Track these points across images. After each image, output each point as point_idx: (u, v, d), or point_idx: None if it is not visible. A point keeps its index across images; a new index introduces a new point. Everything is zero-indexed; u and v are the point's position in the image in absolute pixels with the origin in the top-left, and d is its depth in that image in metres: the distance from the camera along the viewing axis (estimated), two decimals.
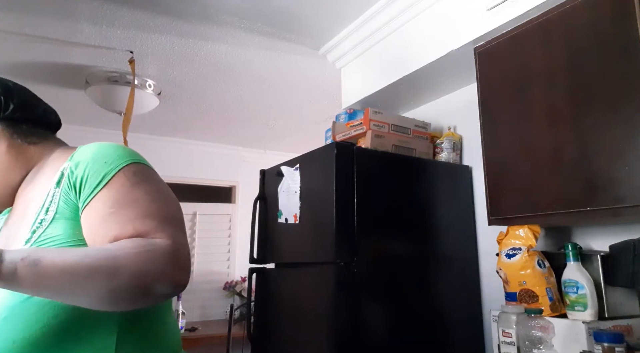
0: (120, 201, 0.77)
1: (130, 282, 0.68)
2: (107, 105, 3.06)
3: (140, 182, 0.81)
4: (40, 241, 0.78)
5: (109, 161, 0.81)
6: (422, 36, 2.07)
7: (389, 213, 1.86)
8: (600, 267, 1.42)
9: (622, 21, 1.27)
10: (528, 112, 1.52)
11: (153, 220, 0.76)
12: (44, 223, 0.80)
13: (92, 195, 0.78)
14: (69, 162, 0.84)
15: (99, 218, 0.77)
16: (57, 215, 0.80)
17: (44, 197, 0.83)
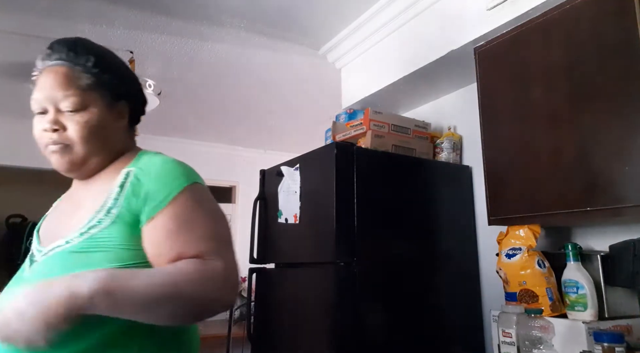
0: (183, 219, 0.83)
1: (191, 306, 0.78)
2: None
3: (201, 202, 0.88)
4: (95, 239, 0.82)
5: (175, 179, 0.87)
6: (422, 36, 2.07)
7: (389, 214, 1.86)
8: (600, 267, 1.42)
9: (622, 21, 1.27)
10: (528, 112, 1.52)
11: (211, 242, 0.83)
12: (103, 223, 0.84)
13: (157, 209, 0.83)
14: (133, 168, 0.90)
15: (163, 234, 0.82)
16: (117, 218, 0.84)
17: (105, 196, 0.87)
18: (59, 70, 0.94)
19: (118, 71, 1.03)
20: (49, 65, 0.95)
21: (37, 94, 0.93)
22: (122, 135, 1.01)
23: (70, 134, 0.91)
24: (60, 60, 0.95)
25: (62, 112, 0.91)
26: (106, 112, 0.95)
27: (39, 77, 0.95)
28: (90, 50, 0.98)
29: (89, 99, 0.93)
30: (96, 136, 0.93)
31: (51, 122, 0.90)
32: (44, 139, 0.92)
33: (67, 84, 0.92)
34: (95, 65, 0.96)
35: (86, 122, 0.91)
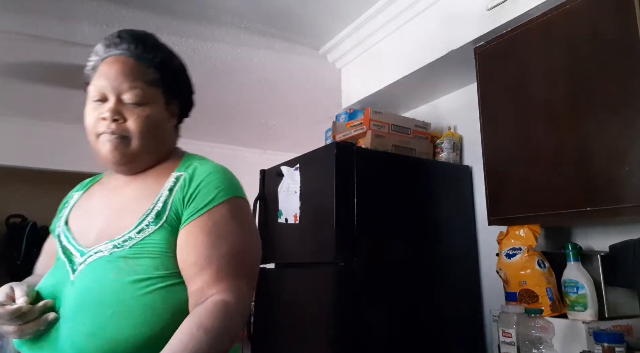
0: (215, 234, 0.84)
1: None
2: None
3: (236, 218, 0.88)
4: (143, 244, 0.83)
5: (218, 189, 0.88)
6: (422, 36, 2.07)
7: (389, 214, 1.86)
8: (600, 267, 1.42)
9: (622, 21, 1.27)
10: (528, 112, 1.52)
11: (234, 271, 0.84)
12: (151, 228, 0.84)
13: (194, 216, 0.85)
14: (184, 173, 0.91)
15: (192, 242, 0.84)
16: (165, 224, 0.85)
17: (155, 198, 0.88)
18: (126, 61, 0.92)
19: (179, 71, 1.03)
20: (114, 54, 0.93)
21: (100, 82, 0.91)
22: (171, 135, 1.02)
23: (130, 126, 0.89)
24: (127, 51, 0.94)
25: (123, 103, 0.90)
26: (164, 110, 0.96)
27: (103, 65, 0.93)
28: (157, 47, 0.99)
29: (151, 94, 0.93)
30: (153, 132, 0.92)
31: (112, 111, 0.89)
32: (100, 127, 0.90)
33: (133, 76, 0.91)
34: (161, 62, 0.96)
35: (147, 117, 0.91)
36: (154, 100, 0.93)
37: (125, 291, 0.78)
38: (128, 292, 0.78)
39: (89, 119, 0.92)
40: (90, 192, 1.02)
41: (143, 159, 0.93)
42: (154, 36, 1.00)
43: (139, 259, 0.81)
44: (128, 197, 0.92)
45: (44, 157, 3.91)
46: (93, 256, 0.84)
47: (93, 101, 0.91)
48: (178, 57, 1.04)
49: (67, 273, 0.85)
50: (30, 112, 3.73)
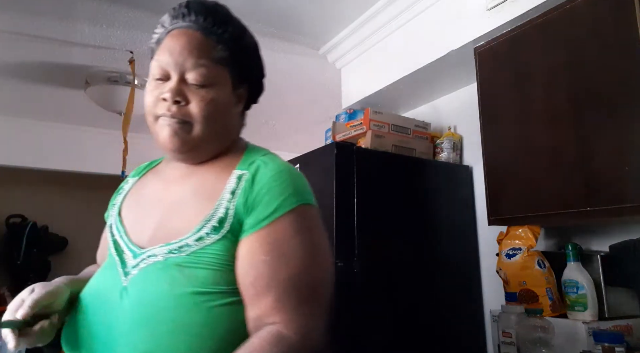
0: (276, 251, 0.73)
1: None
2: (107, 105, 3.06)
3: (303, 231, 0.75)
4: (202, 252, 0.72)
5: (284, 195, 0.75)
6: (422, 36, 2.07)
7: (389, 214, 1.86)
8: (600, 267, 1.42)
9: (622, 21, 1.27)
10: (528, 112, 1.52)
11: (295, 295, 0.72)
12: (212, 237, 0.73)
13: (255, 228, 0.74)
14: (246, 171, 0.79)
15: (250, 259, 0.73)
16: (228, 233, 0.74)
17: (216, 202, 0.76)
18: (193, 34, 0.81)
19: (252, 51, 0.91)
20: (179, 27, 0.82)
21: (163, 57, 0.80)
22: (237, 123, 0.91)
23: (193, 110, 0.78)
24: (195, 23, 0.82)
25: (187, 83, 0.79)
26: (230, 93, 0.85)
27: (167, 38, 0.82)
28: (228, 20, 0.85)
29: (218, 74, 0.81)
30: (218, 118, 0.81)
31: (174, 92, 0.78)
32: (160, 109, 0.79)
33: (200, 52, 0.80)
34: (232, 38, 0.84)
35: (212, 100, 0.79)
36: (220, 81, 0.82)
37: (182, 305, 0.68)
38: (185, 307, 0.68)
39: (148, 98, 0.81)
40: (144, 180, 0.91)
41: (205, 148, 0.82)
42: (226, 8, 0.87)
43: (196, 269, 0.71)
44: (185, 193, 0.81)
45: (44, 157, 3.91)
46: (147, 260, 0.74)
47: (154, 79, 0.81)
48: (251, 34, 0.90)
49: (118, 276, 0.75)
50: (30, 112, 3.73)
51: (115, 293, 0.73)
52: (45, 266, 4.90)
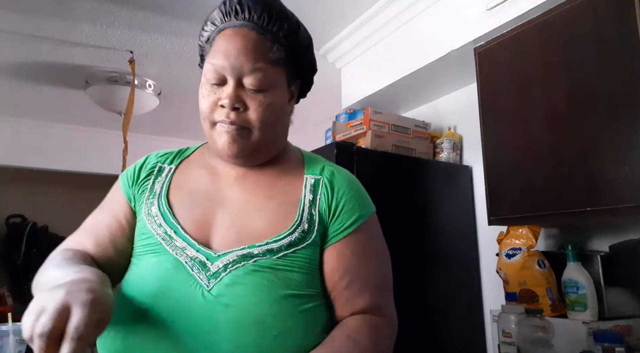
0: (363, 254, 0.80)
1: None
2: (107, 105, 3.06)
3: (378, 237, 0.86)
4: (293, 256, 0.74)
5: (363, 203, 0.84)
6: (422, 36, 2.07)
7: (389, 214, 1.86)
8: (600, 267, 1.42)
9: (622, 21, 1.27)
10: (528, 112, 1.52)
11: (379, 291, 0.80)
12: (299, 244, 0.75)
13: (342, 235, 0.78)
14: (321, 177, 0.83)
15: (343, 264, 0.77)
16: (316, 239, 0.77)
17: (298, 207, 0.78)
18: (248, 35, 0.77)
19: (307, 47, 0.87)
20: (233, 25, 0.78)
21: (220, 61, 0.76)
22: (289, 121, 0.90)
23: (252, 116, 0.77)
24: (249, 21, 0.78)
25: (244, 87, 0.77)
26: (286, 93, 0.83)
27: (221, 38, 0.78)
28: (284, 16, 0.81)
29: (275, 75, 0.79)
30: (276, 121, 0.81)
31: (232, 98, 0.75)
32: (217, 115, 0.77)
33: (256, 55, 0.76)
34: (288, 36, 0.80)
35: (270, 105, 0.78)
36: (277, 83, 0.79)
37: (283, 309, 0.69)
38: (286, 310, 0.69)
39: (204, 103, 0.79)
40: (185, 172, 0.85)
41: (264, 151, 0.82)
42: (280, 2, 0.82)
43: (289, 272, 0.72)
44: (256, 196, 0.80)
45: (44, 157, 3.91)
46: (233, 263, 0.72)
47: (210, 84, 0.78)
48: (305, 28, 0.87)
49: (194, 278, 0.71)
50: (30, 112, 3.73)
51: (197, 298, 0.69)
52: None
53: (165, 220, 0.77)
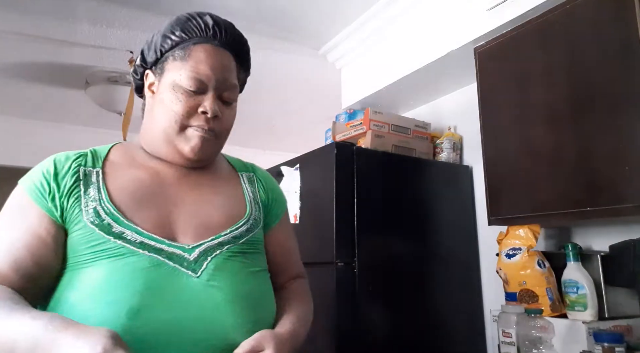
0: (290, 234, 1.03)
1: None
2: (107, 105, 3.06)
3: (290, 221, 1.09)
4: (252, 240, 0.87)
5: (282, 194, 1.05)
6: (422, 36, 2.07)
7: (389, 214, 1.86)
8: (600, 267, 1.42)
9: (622, 21, 1.27)
10: (528, 112, 1.52)
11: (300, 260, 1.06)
12: (254, 229, 0.89)
13: (277, 220, 0.98)
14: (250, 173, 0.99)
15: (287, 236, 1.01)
16: (260, 223, 0.92)
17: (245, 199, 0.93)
18: (228, 56, 0.88)
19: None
20: (214, 44, 0.86)
21: (205, 72, 0.83)
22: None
23: (223, 125, 0.87)
24: (228, 46, 0.88)
25: (220, 100, 0.86)
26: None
27: (203, 52, 0.84)
28: (245, 42, 0.94)
29: (237, 92, 0.92)
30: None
31: (215, 108, 0.84)
32: (195, 120, 0.84)
33: (233, 73, 0.88)
34: (247, 60, 0.96)
35: (233, 117, 0.91)
36: (237, 98, 0.92)
37: (258, 281, 0.85)
38: (260, 281, 0.85)
39: (179, 107, 0.82)
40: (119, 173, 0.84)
41: (216, 155, 0.94)
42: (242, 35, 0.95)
43: (252, 254, 0.86)
44: (204, 192, 0.87)
45: (44, 157, 3.88)
46: (208, 253, 0.80)
47: (189, 90, 0.83)
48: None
49: (177, 271, 0.75)
50: (30, 112, 3.73)
51: (189, 286, 0.75)
52: None
53: (119, 224, 0.76)
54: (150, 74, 0.89)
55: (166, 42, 0.86)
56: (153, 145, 0.88)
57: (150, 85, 0.89)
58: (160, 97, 0.85)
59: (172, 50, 0.86)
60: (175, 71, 0.84)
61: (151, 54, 0.88)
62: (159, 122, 0.85)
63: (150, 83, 0.89)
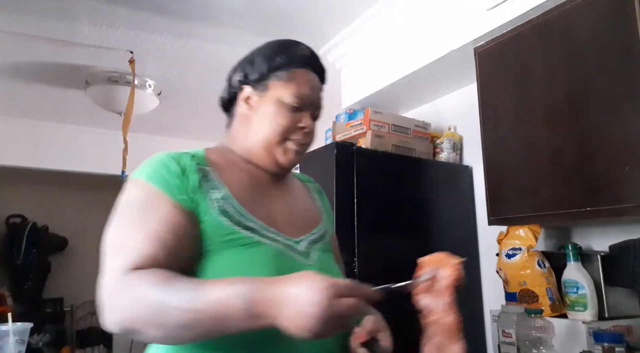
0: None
1: None
2: (107, 105, 3.06)
3: None
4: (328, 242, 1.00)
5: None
6: (422, 36, 2.07)
7: (389, 214, 1.86)
8: (600, 267, 1.42)
9: (622, 21, 1.27)
10: (528, 112, 1.52)
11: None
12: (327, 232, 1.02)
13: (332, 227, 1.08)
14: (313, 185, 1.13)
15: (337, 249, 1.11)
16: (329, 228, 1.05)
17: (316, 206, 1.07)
18: (319, 81, 1.01)
19: None
20: (310, 70, 0.99)
21: (307, 93, 0.95)
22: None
23: (312, 140, 0.99)
24: (318, 73, 1.01)
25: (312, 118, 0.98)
26: None
27: (303, 74, 0.97)
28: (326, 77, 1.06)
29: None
30: None
31: (311, 124, 0.97)
32: (295, 134, 0.94)
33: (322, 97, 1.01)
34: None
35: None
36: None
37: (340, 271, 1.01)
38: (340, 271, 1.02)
39: (284, 122, 0.93)
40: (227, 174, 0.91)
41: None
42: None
43: (331, 252, 1.01)
44: (290, 196, 1.01)
45: (44, 157, 3.91)
46: (311, 246, 0.93)
47: (290, 107, 0.93)
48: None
49: (295, 260, 0.87)
50: (30, 112, 3.73)
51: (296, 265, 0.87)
52: (45, 266, 4.91)
53: (246, 217, 0.86)
54: (248, 89, 0.97)
55: (271, 64, 0.97)
56: (250, 151, 0.96)
57: (246, 98, 0.97)
58: (264, 111, 0.94)
59: (276, 71, 0.96)
60: (279, 89, 0.94)
61: (255, 73, 0.98)
62: (260, 131, 0.94)
63: (246, 96, 0.97)
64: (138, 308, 0.68)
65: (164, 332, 0.68)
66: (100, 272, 0.74)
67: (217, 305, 0.65)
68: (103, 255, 0.76)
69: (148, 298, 0.68)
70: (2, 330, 1.35)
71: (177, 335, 0.69)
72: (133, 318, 0.68)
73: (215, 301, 0.66)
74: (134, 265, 0.72)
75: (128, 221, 0.80)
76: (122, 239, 0.77)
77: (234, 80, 1.00)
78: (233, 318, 0.65)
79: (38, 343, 4.05)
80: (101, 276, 0.73)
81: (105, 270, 0.74)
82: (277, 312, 0.65)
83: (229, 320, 0.65)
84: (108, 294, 0.71)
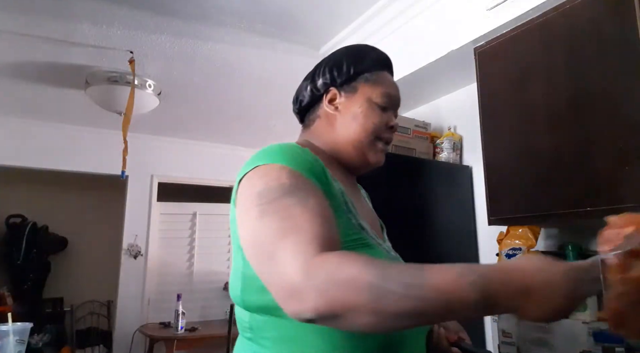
0: None
1: None
2: (107, 105, 3.06)
3: None
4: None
5: None
6: (422, 36, 2.07)
7: (389, 214, 1.86)
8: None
9: (622, 21, 1.27)
10: (528, 112, 1.52)
11: None
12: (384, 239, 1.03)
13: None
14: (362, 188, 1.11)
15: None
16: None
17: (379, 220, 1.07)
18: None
19: None
20: (389, 73, 1.02)
21: (394, 93, 0.99)
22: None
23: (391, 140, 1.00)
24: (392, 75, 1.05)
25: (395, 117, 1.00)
26: None
27: (388, 78, 1.00)
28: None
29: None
30: None
31: (397, 125, 0.98)
32: (385, 133, 0.96)
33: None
34: None
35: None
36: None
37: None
38: None
39: (377, 120, 0.95)
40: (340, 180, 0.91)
41: None
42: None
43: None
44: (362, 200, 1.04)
45: (44, 157, 3.92)
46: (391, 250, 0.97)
47: (382, 106, 0.96)
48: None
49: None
50: (30, 112, 3.74)
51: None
52: (45, 266, 4.91)
53: (359, 218, 0.87)
54: (334, 90, 0.98)
55: (358, 67, 0.98)
56: (337, 150, 0.97)
57: (331, 100, 0.98)
58: (353, 111, 0.95)
59: (363, 74, 0.98)
60: (368, 90, 0.96)
61: (343, 75, 0.99)
62: (350, 130, 0.95)
63: (331, 98, 0.98)
64: (354, 293, 0.61)
65: (379, 319, 0.62)
66: (270, 257, 0.68)
67: (448, 295, 0.60)
68: (263, 240, 0.71)
69: (365, 282, 0.61)
70: (2, 330, 1.34)
71: (391, 324, 0.64)
72: (345, 302, 0.61)
73: (445, 290, 0.60)
74: (319, 245, 0.67)
75: (289, 202, 0.72)
76: (292, 221, 0.70)
77: (319, 84, 1.02)
78: (465, 310, 0.61)
79: (38, 343, 4.05)
80: (278, 260, 0.67)
81: (283, 253, 0.67)
82: (522, 303, 0.61)
83: (459, 311, 0.61)
84: (306, 276, 0.63)
